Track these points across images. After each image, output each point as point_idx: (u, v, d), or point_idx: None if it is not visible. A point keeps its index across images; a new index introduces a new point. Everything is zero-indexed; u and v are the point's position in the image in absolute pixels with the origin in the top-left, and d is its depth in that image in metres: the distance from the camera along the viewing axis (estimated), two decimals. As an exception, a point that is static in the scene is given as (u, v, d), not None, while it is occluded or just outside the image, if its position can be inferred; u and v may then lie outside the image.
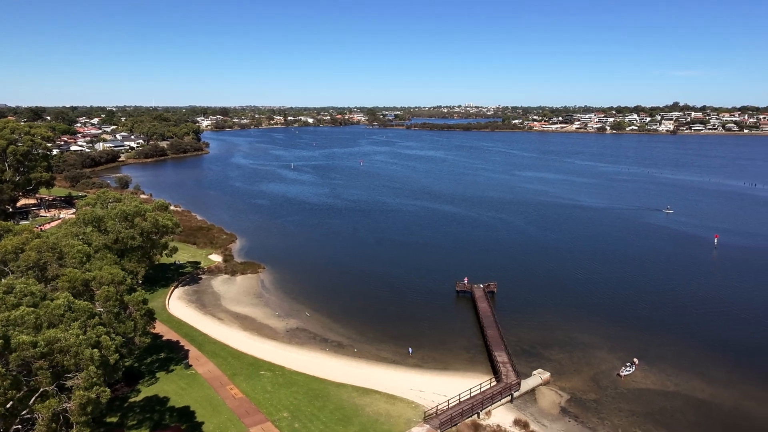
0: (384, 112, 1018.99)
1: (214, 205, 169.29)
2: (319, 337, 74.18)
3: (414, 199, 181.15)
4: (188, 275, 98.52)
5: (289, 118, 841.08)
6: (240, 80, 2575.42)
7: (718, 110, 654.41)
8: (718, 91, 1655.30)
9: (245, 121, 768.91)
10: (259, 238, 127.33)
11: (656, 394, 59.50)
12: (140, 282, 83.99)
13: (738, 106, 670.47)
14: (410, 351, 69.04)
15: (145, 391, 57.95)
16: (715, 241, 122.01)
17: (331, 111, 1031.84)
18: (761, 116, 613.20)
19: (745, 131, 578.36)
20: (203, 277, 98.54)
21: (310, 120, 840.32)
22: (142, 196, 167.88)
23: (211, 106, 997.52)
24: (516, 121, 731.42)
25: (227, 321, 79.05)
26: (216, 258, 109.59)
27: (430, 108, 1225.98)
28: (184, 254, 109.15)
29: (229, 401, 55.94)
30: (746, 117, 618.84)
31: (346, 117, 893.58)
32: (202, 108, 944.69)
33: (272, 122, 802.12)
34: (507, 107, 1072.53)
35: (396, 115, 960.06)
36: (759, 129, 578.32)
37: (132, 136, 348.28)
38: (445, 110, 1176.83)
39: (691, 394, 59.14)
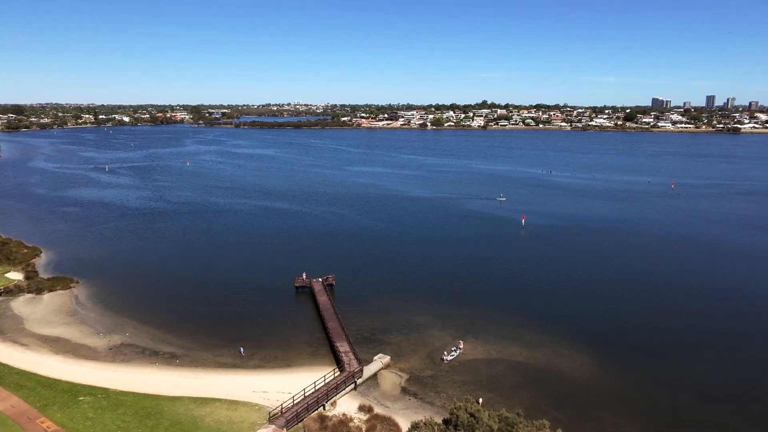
0: (210, 110, 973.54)
1: (10, 216, 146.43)
2: (149, 350, 68.18)
3: (246, 198, 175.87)
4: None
5: (101, 116, 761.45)
6: (37, 74, 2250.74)
7: (519, 108, 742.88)
8: (517, 91, 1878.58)
9: (46, 120, 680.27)
10: (71, 250, 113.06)
11: (483, 362, 65.22)
12: None
13: (534, 104, 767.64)
14: (241, 351, 66.75)
15: (-75, 442, 47.96)
16: (523, 221, 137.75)
17: (150, 109, 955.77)
18: (552, 113, 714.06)
19: (540, 126, 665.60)
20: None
21: (126, 119, 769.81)
22: None
23: (0, 104, 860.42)
24: (345, 119, 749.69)
25: (33, 346, 68.84)
26: (15, 276, 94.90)
27: (259, 106, 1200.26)
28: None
29: (41, 436, 48.72)
30: (540, 113, 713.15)
31: (168, 115, 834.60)
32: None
33: (80, 121, 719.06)
34: (336, 105, 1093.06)
35: (224, 113, 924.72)
36: (551, 124, 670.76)
37: None
38: (275, 108, 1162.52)
39: (512, 359, 65.92)
